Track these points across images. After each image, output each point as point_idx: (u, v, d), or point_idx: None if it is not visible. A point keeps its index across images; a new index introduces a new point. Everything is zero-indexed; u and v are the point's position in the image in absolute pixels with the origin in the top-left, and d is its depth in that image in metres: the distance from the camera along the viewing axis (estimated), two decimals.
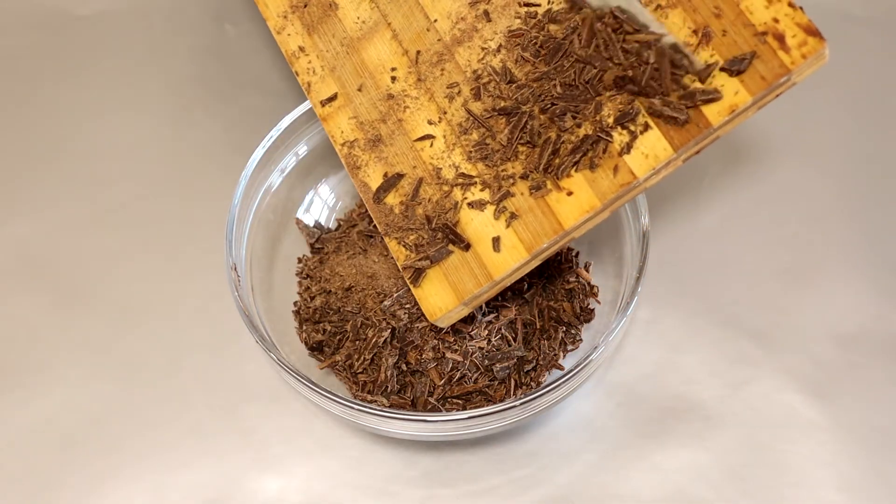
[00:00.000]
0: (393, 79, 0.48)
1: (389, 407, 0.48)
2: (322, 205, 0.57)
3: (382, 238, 0.49)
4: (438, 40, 0.47)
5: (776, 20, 0.39)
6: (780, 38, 0.39)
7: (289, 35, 0.51)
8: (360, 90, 0.48)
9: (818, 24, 0.39)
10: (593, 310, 0.52)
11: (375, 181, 0.47)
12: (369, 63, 0.48)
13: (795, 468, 0.49)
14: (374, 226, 0.54)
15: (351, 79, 0.49)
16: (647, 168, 0.41)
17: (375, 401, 0.48)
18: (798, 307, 0.54)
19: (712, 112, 0.40)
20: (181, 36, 0.69)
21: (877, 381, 0.52)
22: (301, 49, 0.50)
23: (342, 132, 0.49)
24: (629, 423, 0.50)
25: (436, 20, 0.47)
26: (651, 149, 0.41)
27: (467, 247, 0.44)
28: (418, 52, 0.47)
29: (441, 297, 0.45)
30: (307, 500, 0.48)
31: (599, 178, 0.42)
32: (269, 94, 0.65)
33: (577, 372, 0.44)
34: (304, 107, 0.53)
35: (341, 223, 0.56)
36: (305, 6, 0.51)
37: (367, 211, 0.55)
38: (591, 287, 0.53)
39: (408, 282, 0.46)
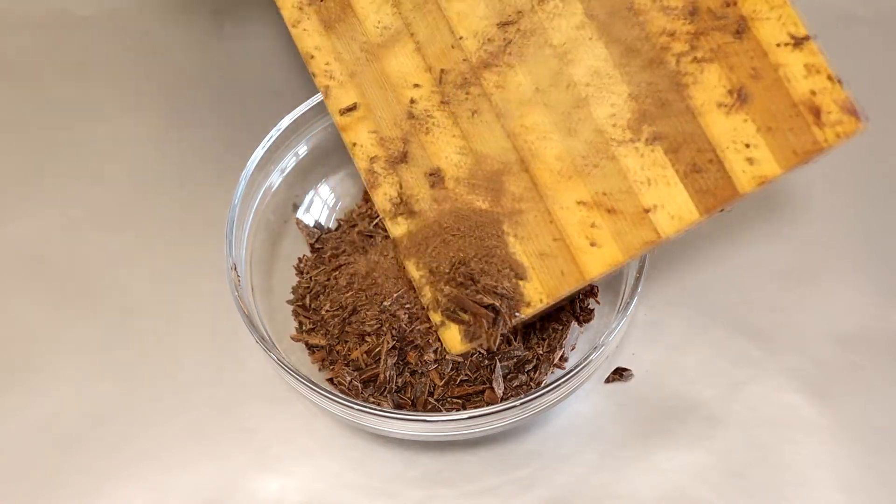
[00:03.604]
0: (413, 99, 0.46)
1: (389, 407, 0.48)
2: (322, 205, 0.57)
3: (396, 253, 0.49)
4: (464, 60, 0.45)
5: (813, 93, 0.37)
6: (816, 113, 0.37)
7: (305, 30, 0.48)
8: (381, 103, 0.47)
9: (818, 24, 0.39)
10: (593, 310, 0.52)
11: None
12: (391, 75, 0.46)
13: (795, 468, 0.49)
14: (375, 226, 0.54)
15: (372, 89, 0.47)
16: (673, 229, 0.41)
17: (375, 401, 0.48)
18: (798, 307, 0.54)
19: (742, 180, 0.39)
20: (181, 36, 0.69)
21: (877, 381, 0.52)
22: (318, 48, 0.48)
23: (362, 146, 0.47)
24: (629, 423, 0.50)
25: (462, 37, 0.45)
26: (678, 210, 0.41)
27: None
28: (443, 71, 0.45)
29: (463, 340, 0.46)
30: (307, 500, 0.48)
31: (624, 233, 0.42)
32: (269, 94, 0.65)
33: (577, 372, 0.44)
34: (304, 107, 0.53)
35: (341, 223, 0.56)
36: (323, 0, 0.48)
37: (366, 211, 0.55)
38: (591, 287, 0.53)
39: (433, 323, 0.46)
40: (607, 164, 0.42)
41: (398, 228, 0.47)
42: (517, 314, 0.45)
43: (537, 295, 0.44)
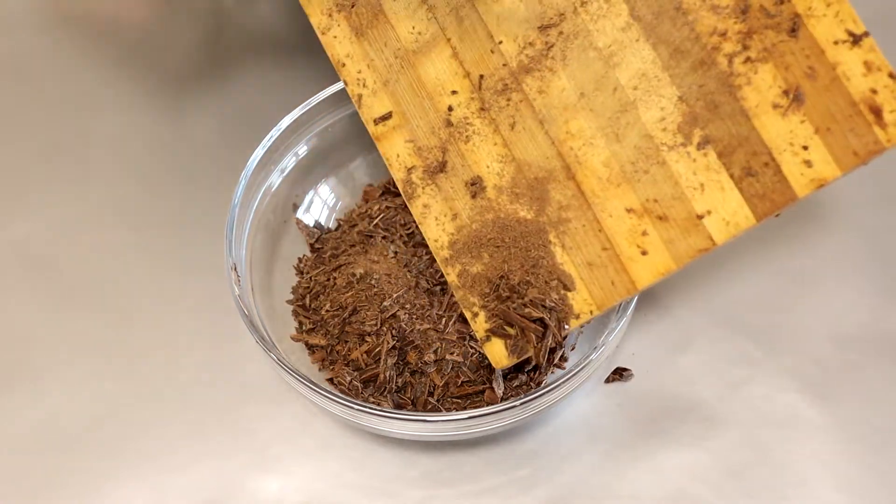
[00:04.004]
0: (451, 106, 0.45)
1: (389, 407, 0.48)
2: (322, 205, 0.57)
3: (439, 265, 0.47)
4: (504, 65, 0.44)
5: (874, 91, 0.36)
6: (878, 112, 0.37)
7: (335, 37, 0.47)
8: (417, 111, 0.45)
9: None
10: None
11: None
12: (427, 82, 0.45)
13: (795, 468, 0.49)
14: (375, 225, 0.54)
15: (407, 96, 0.46)
16: (728, 235, 0.40)
17: (375, 401, 0.48)
18: (798, 307, 0.54)
19: (799, 183, 0.38)
20: (181, 35, 0.69)
21: (877, 381, 0.52)
22: (349, 56, 0.46)
23: (398, 155, 0.46)
24: (629, 423, 0.50)
25: (501, 42, 0.44)
26: (732, 216, 0.40)
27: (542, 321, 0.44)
28: (481, 77, 0.44)
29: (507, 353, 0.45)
30: (307, 500, 0.48)
31: (676, 241, 0.41)
32: (269, 94, 0.65)
33: (577, 372, 0.44)
34: (304, 107, 0.53)
35: (341, 223, 0.56)
36: (353, 6, 0.46)
37: (366, 211, 0.55)
38: None
39: (479, 340, 0.45)
40: (657, 169, 0.41)
41: (437, 239, 0.46)
42: (566, 327, 0.44)
43: (587, 306, 0.44)
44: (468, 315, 0.46)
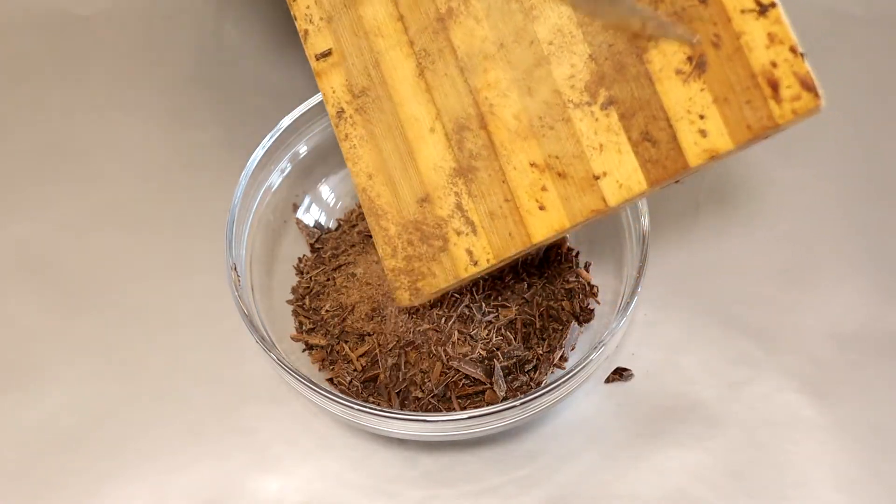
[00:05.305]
0: (382, 48, 0.45)
1: (389, 407, 0.48)
2: (322, 205, 0.57)
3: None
4: (434, 11, 0.44)
5: (774, 64, 0.36)
6: (775, 86, 0.36)
7: None
8: (354, 50, 0.46)
9: (817, 25, 0.38)
10: (593, 310, 0.52)
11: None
12: (365, 22, 0.46)
13: (795, 468, 0.49)
14: None
15: (346, 35, 0.46)
16: (620, 198, 0.40)
17: (375, 401, 0.48)
18: (798, 307, 0.54)
19: (693, 152, 0.38)
20: (181, 36, 0.69)
21: (877, 381, 0.52)
22: None
23: (333, 91, 0.47)
24: (629, 423, 0.50)
25: None
26: (626, 179, 0.40)
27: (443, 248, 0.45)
28: (411, 20, 0.44)
29: (412, 293, 0.47)
30: (307, 500, 0.48)
31: (572, 199, 0.42)
32: (269, 94, 0.65)
33: (577, 372, 0.44)
34: (304, 107, 0.53)
35: (341, 223, 0.56)
36: None
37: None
38: (591, 287, 0.53)
39: (388, 276, 0.47)
40: (562, 126, 0.41)
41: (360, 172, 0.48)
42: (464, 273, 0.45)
43: (485, 254, 0.44)
44: (382, 251, 0.47)
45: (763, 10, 0.36)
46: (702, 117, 0.38)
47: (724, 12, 0.37)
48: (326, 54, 0.47)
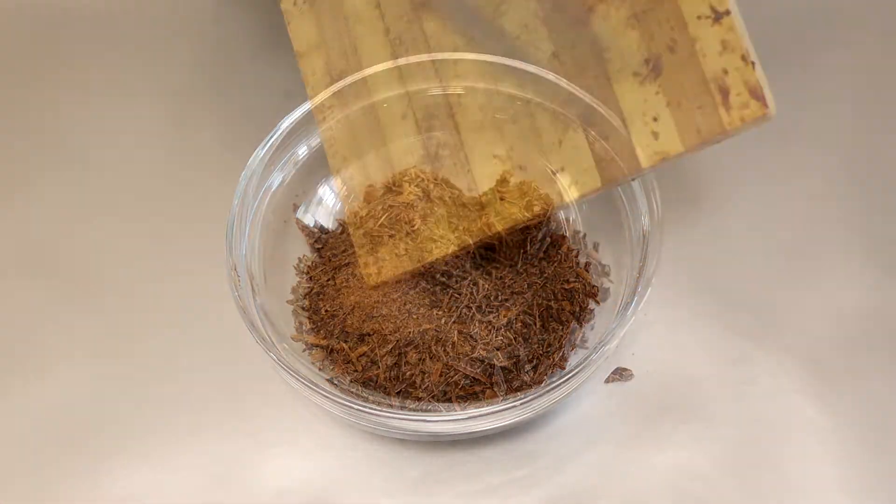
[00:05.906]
0: (360, 34, 0.46)
1: (389, 407, 0.48)
2: (322, 205, 0.57)
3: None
4: (409, 1, 0.45)
5: (725, 71, 0.36)
6: (725, 93, 0.36)
7: None
8: (334, 34, 0.46)
9: (818, 24, 0.38)
10: (593, 310, 0.52)
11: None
12: (345, 6, 0.46)
13: (795, 468, 0.49)
14: (381, 225, 0.54)
15: (327, 19, 0.47)
16: (575, 195, 0.42)
17: (375, 401, 0.48)
18: (798, 307, 0.54)
19: (645, 154, 0.38)
20: (181, 35, 0.69)
21: (877, 381, 0.52)
22: None
23: (313, 73, 0.47)
24: (629, 423, 0.50)
25: None
26: (581, 176, 0.41)
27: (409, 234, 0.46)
28: (387, 7, 0.45)
29: (378, 272, 0.48)
30: (307, 500, 0.48)
31: (530, 192, 0.43)
32: (269, 94, 0.65)
33: (578, 372, 0.44)
34: (304, 107, 0.53)
35: (342, 224, 0.56)
36: None
37: (368, 212, 0.55)
38: (591, 287, 0.53)
39: (359, 254, 0.48)
40: (525, 121, 0.42)
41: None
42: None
43: (446, 241, 0.45)
44: (357, 242, 0.48)
45: (718, 18, 0.36)
46: (655, 119, 0.38)
47: (681, 18, 0.37)
48: (308, 37, 0.47)
